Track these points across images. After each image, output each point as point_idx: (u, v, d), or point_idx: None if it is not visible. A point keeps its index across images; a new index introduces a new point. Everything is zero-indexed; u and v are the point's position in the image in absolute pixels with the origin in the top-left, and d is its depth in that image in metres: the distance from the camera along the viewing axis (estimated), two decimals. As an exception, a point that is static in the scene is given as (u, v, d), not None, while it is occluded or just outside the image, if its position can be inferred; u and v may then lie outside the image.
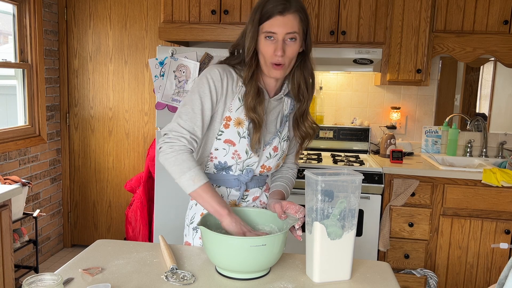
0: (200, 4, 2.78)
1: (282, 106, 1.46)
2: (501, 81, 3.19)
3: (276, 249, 1.17)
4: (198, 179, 1.29)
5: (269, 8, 1.29)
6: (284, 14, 1.28)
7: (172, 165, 1.30)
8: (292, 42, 1.31)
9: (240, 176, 1.44)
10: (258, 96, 1.36)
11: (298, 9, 1.31)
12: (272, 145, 1.44)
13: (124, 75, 3.51)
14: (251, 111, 1.35)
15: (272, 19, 1.29)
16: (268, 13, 1.29)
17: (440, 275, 2.71)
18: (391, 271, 1.29)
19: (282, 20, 1.28)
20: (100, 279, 1.16)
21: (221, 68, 1.38)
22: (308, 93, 1.44)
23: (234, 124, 1.38)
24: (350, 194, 1.18)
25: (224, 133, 1.38)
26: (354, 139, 3.22)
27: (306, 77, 1.42)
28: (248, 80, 1.36)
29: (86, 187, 3.66)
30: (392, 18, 2.84)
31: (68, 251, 3.66)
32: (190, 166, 1.29)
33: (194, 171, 1.29)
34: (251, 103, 1.35)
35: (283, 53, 1.30)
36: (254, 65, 1.37)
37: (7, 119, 3.19)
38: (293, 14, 1.29)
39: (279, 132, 1.45)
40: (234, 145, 1.39)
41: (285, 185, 1.52)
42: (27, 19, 3.15)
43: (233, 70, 1.40)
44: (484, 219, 2.62)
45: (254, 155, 1.40)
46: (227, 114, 1.38)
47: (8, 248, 2.12)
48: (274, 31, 1.29)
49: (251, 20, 1.33)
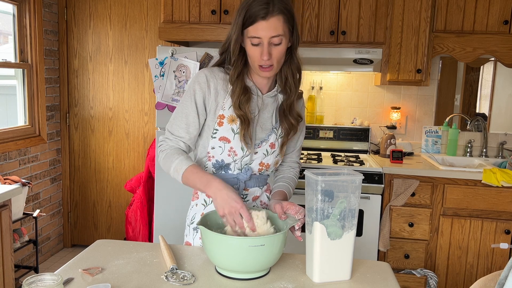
0: (200, 4, 2.78)
1: (277, 102, 1.48)
2: (501, 81, 3.19)
3: (276, 249, 1.17)
4: (179, 167, 1.35)
5: (251, 13, 1.29)
6: (267, 18, 1.28)
7: (163, 166, 1.41)
8: (277, 45, 1.33)
9: (239, 175, 1.45)
10: (245, 94, 1.39)
11: (281, 10, 1.30)
12: (268, 141, 1.45)
13: (124, 75, 3.51)
14: (236, 109, 1.38)
15: (255, 24, 1.29)
16: (251, 18, 1.30)
17: (440, 275, 2.71)
18: (391, 271, 1.29)
19: (266, 24, 1.29)
20: (100, 279, 1.16)
21: (208, 71, 1.42)
22: (295, 86, 1.46)
23: (227, 121, 1.41)
24: (350, 194, 1.18)
25: (219, 131, 1.41)
26: (354, 139, 3.22)
27: (293, 71, 1.44)
28: (234, 79, 1.39)
29: (86, 187, 3.66)
30: (392, 18, 2.84)
31: (68, 251, 3.66)
32: (172, 159, 1.37)
33: (175, 162, 1.36)
34: (237, 101, 1.38)
35: (269, 56, 1.32)
36: (241, 65, 1.40)
37: (7, 119, 3.19)
38: (276, 17, 1.29)
39: (275, 128, 1.46)
40: (229, 142, 1.41)
41: (287, 185, 1.52)
42: (27, 19, 3.15)
43: (222, 71, 1.44)
44: (484, 219, 2.62)
45: (249, 151, 1.41)
46: (220, 112, 1.41)
47: (8, 248, 2.12)
48: (258, 36, 1.30)
49: (235, 22, 1.35)
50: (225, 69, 1.45)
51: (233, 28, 1.36)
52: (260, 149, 1.44)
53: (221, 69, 1.45)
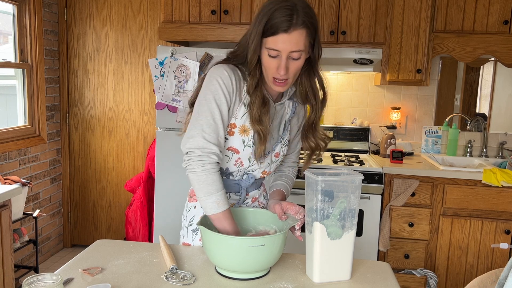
0: (200, 4, 2.78)
1: (284, 110, 1.43)
2: (501, 81, 3.19)
3: (276, 249, 1.17)
4: (222, 203, 1.27)
5: (274, 23, 1.20)
6: (290, 31, 1.20)
7: (201, 184, 1.27)
8: (296, 60, 1.25)
9: (240, 181, 1.42)
10: (264, 106, 1.30)
11: (305, 24, 1.21)
12: (274, 151, 1.43)
13: (124, 75, 3.51)
14: (256, 123, 1.29)
15: (276, 36, 1.21)
16: (272, 29, 1.21)
17: (440, 275, 2.71)
18: (391, 271, 1.29)
19: (287, 37, 1.20)
20: (100, 279, 1.16)
21: (229, 69, 1.30)
22: (316, 102, 1.38)
23: (239, 131, 1.33)
24: (350, 194, 1.18)
25: (228, 141, 1.34)
26: (354, 139, 3.22)
27: (312, 84, 1.37)
28: (252, 89, 1.30)
29: (86, 187, 3.66)
30: (392, 18, 2.84)
31: (68, 251, 3.66)
32: (218, 188, 1.27)
33: (220, 194, 1.27)
34: (257, 114, 1.28)
35: (286, 71, 1.24)
36: (258, 74, 1.30)
37: (7, 119, 3.19)
38: (299, 31, 1.21)
39: (281, 138, 1.43)
40: (237, 153, 1.35)
41: (286, 184, 1.51)
42: (27, 19, 3.15)
43: (238, 70, 1.33)
44: (484, 219, 2.62)
45: (257, 163, 1.39)
46: (232, 121, 1.33)
47: (8, 248, 2.12)
48: (277, 49, 1.22)
49: (255, 28, 1.25)
50: (240, 69, 1.33)
51: (252, 35, 1.26)
52: (266, 159, 1.41)
53: (237, 69, 1.32)
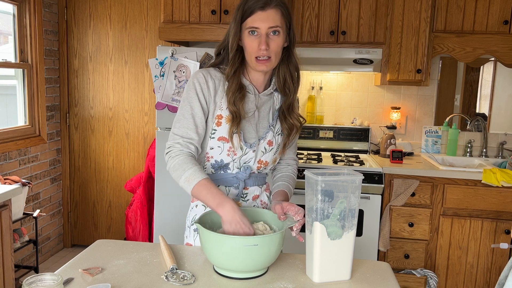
0: (200, 4, 2.78)
1: (273, 101, 1.49)
2: (501, 81, 3.19)
3: (272, 249, 1.17)
4: (192, 178, 1.31)
5: (250, 5, 1.34)
6: (265, 9, 1.33)
7: (172, 172, 1.36)
8: (275, 36, 1.35)
9: (238, 174, 1.46)
10: (240, 91, 1.39)
11: (279, 4, 1.35)
12: (266, 139, 1.46)
13: (124, 75, 3.51)
14: (231, 105, 1.39)
15: (254, 15, 1.33)
16: (250, 9, 1.34)
17: (440, 275, 2.71)
18: (391, 271, 1.29)
19: (264, 14, 1.33)
20: (100, 279, 1.16)
21: (205, 71, 1.43)
22: (294, 86, 1.47)
23: (225, 121, 1.41)
24: (350, 194, 1.18)
25: (217, 131, 1.42)
26: (354, 139, 3.22)
27: (291, 71, 1.45)
28: (230, 76, 1.40)
29: (86, 187, 3.66)
30: (392, 18, 2.84)
31: (68, 251, 3.66)
32: (185, 168, 1.33)
33: (189, 171, 1.32)
34: (231, 98, 1.38)
35: (267, 46, 1.34)
36: (238, 62, 1.41)
37: (7, 119, 3.19)
38: (274, 9, 1.34)
39: (272, 126, 1.48)
40: (228, 141, 1.42)
41: (287, 184, 1.53)
42: (27, 19, 3.15)
43: (218, 70, 1.44)
44: (484, 219, 2.62)
45: (249, 150, 1.42)
46: (218, 112, 1.42)
47: (8, 248, 2.12)
48: (256, 26, 1.34)
49: (234, 18, 1.38)
50: (221, 69, 1.46)
51: (232, 24, 1.39)
52: (258, 147, 1.45)
53: (217, 69, 1.46)
